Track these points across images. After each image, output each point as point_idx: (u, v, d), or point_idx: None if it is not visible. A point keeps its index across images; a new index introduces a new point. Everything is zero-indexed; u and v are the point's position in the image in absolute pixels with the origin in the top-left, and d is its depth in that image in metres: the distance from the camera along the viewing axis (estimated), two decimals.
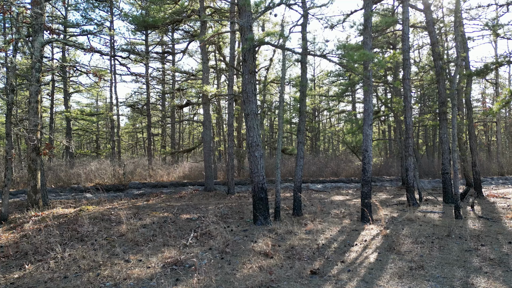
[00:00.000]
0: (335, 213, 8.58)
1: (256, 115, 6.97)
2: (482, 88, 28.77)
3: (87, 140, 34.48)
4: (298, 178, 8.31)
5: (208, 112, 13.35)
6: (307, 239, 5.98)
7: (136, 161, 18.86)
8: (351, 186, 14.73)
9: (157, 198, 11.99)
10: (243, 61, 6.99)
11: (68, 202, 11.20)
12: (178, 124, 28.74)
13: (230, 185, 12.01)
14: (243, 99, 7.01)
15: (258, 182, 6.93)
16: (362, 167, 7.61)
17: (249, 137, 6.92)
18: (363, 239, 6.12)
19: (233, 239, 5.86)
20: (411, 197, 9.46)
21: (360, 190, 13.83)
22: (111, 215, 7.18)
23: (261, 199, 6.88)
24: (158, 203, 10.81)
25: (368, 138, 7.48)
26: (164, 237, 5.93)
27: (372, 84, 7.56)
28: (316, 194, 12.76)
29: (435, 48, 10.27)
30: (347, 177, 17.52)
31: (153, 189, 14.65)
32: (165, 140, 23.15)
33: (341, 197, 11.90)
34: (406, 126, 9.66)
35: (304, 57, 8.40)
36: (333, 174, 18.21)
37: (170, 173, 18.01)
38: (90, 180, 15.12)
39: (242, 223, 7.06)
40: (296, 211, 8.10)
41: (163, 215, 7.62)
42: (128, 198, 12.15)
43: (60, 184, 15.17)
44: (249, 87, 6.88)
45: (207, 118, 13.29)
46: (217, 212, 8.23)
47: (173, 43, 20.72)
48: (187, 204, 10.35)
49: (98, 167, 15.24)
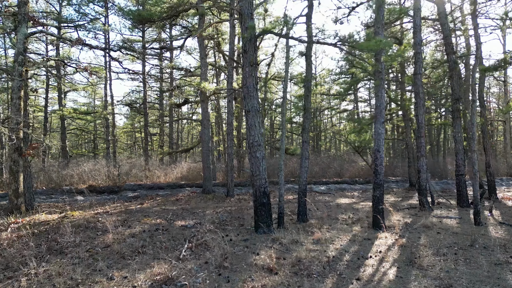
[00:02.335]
0: (343, 218, 7.93)
1: (258, 111, 6.31)
2: (485, 87, 28.10)
3: (85, 140, 33.86)
4: (303, 181, 7.65)
5: (206, 110, 12.70)
6: (315, 250, 5.33)
7: (132, 161, 18.21)
8: (356, 188, 14.07)
9: (152, 201, 11.33)
10: (243, 53, 6.34)
11: (57, 205, 10.55)
12: (177, 124, 28.10)
13: (229, 187, 11.36)
14: (244, 94, 6.36)
15: (259, 185, 6.28)
16: (373, 169, 6.96)
17: (250, 136, 6.27)
18: (378, 250, 5.47)
19: (232, 251, 5.21)
20: (424, 200, 8.81)
21: (366, 192, 13.22)
22: (98, 222, 6.53)
23: (263, 205, 6.23)
24: (152, 206, 10.16)
25: (380, 137, 6.83)
26: (155, 248, 5.28)
27: (384, 78, 6.91)
28: (320, 197, 12.11)
29: (448, 40, 9.62)
30: (351, 178, 16.87)
31: (148, 191, 13.99)
32: (163, 140, 22.49)
33: (347, 200, 11.25)
34: (418, 124, 9.00)
35: (309, 49, 7.75)
36: (336, 175, 17.56)
37: (168, 174, 17.36)
38: (83, 182, 14.47)
39: (243, 231, 6.40)
40: (301, 217, 7.45)
41: (155, 222, 6.96)
42: (121, 201, 11.50)
43: (52, 186, 14.51)
44: (249, 80, 6.23)
45: (205, 116, 12.64)
46: (215, 218, 7.57)
47: (171, 39, 20.07)
48: (183, 208, 9.70)
49: (92, 168, 14.59)
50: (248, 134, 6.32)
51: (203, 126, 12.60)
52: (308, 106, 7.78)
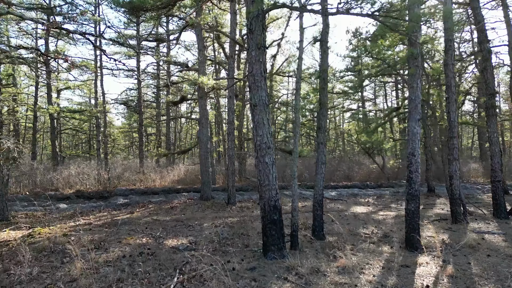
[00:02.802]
0: (366, 234, 6.68)
1: (267, 106, 5.07)
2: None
3: (82, 140, 32.60)
4: (319, 190, 6.41)
5: (204, 108, 11.46)
6: (342, 285, 4.09)
7: (126, 164, 16.95)
8: (369, 193, 12.81)
9: (143, 209, 10.09)
10: (248, 33, 5.09)
11: (35, 215, 9.32)
12: (174, 123, 26.86)
13: (230, 193, 10.12)
14: (249, 85, 5.11)
15: (269, 198, 5.03)
16: (407, 176, 5.70)
17: (257, 137, 5.02)
18: (424, 285, 4.22)
19: (236, 286, 3.97)
20: (458, 211, 7.56)
21: (381, 198, 11.95)
22: (68, 244, 5.27)
23: (273, 223, 4.98)
24: (143, 216, 8.92)
25: (416, 138, 5.58)
26: (135, 283, 4.03)
27: (420, 66, 5.66)
28: (332, 204, 10.86)
29: (481, 28, 8.38)
30: (362, 182, 15.63)
31: (141, 197, 12.74)
32: (159, 141, 21.25)
33: (362, 208, 10.00)
34: (450, 123, 7.76)
35: (326, 34, 6.51)
36: (345, 178, 16.31)
37: (164, 177, 16.12)
38: (70, 186, 13.22)
39: (248, 255, 5.15)
40: (317, 233, 6.20)
41: (140, 242, 5.70)
42: (109, 209, 10.26)
43: (36, 191, 13.27)
44: (256, 67, 4.98)
45: (203, 114, 11.40)
46: (214, 235, 6.32)
47: (168, 33, 18.84)
48: (177, 219, 8.45)
49: (79, 171, 13.34)
50: (254, 134, 5.07)
51: (201, 125, 11.36)
52: (324, 101, 6.53)
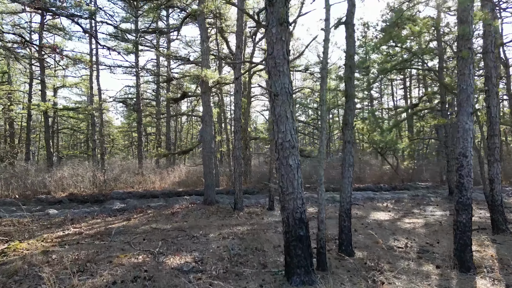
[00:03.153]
0: (399, 248, 5.73)
1: (290, 95, 4.13)
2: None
3: (81, 140, 31.66)
4: (347, 197, 5.47)
5: (208, 104, 10.52)
6: None
7: (124, 164, 16.01)
8: (385, 197, 11.86)
9: (141, 215, 9.14)
10: (268, 6, 4.15)
11: (21, 222, 8.37)
12: (175, 122, 25.92)
13: (237, 198, 9.16)
14: (268, 69, 4.17)
15: (294, 209, 4.09)
16: (456, 182, 4.75)
17: (279, 133, 4.08)
18: None
19: None
20: (499, 220, 6.61)
21: (400, 203, 10.96)
22: (45, 265, 4.32)
23: (299, 239, 4.03)
24: (141, 223, 7.98)
25: (467, 135, 4.63)
26: None
27: (472, 48, 4.71)
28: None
29: None
30: (374, 184, 14.68)
31: (140, 201, 11.80)
32: (159, 140, 20.31)
33: (383, 215, 9.05)
34: (490, 119, 6.81)
35: (351, 15, 5.58)
36: (357, 180, 15.36)
37: (164, 178, 15.19)
38: (63, 189, 12.27)
39: (268, 280, 4.20)
40: (345, 248, 5.25)
41: (136, 261, 4.74)
42: (104, 215, 9.31)
43: (27, 194, 12.34)
44: (278, 47, 4.04)
45: (207, 111, 10.46)
46: (223, 249, 5.38)
47: (168, 27, 17.89)
48: (179, 227, 7.51)
49: (73, 173, 12.39)
50: (275, 131, 4.13)
51: (204, 123, 10.41)
52: (351, 92, 5.59)
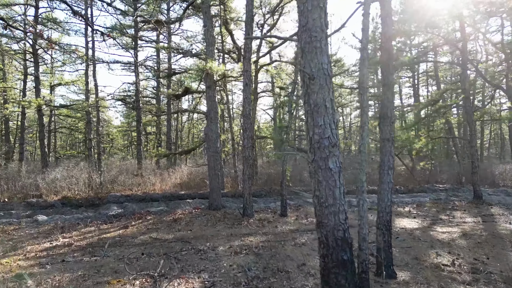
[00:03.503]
0: (446, 266, 4.81)
1: (330, 78, 3.21)
2: None
3: (78, 140, 30.77)
4: (386, 206, 4.57)
5: (213, 100, 9.61)
6: None
7: (122, 165, 15.10)
8: (405, 201, 10.93)
9: (140, 222, 8.23)
10: None
11: (6, 230, 7.48)
12: (176, 121, 25.02)
13: (247, 203, 8.24)
14: (301, 46, 3.25)
15: (335, 226, 3.17)
16: None
17: (315, 128, 3.17)
18: None
19: None
20: None
21: (422, 207, 9.96)
22: None
23: (342, 265, 3.11)
24: (139, 232, 7.08)
25: None
26: None
27: None
28: (369, 215, 8.97)
29: None
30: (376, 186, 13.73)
31: (138, 205, 10.90)
32: (160, 140, 19.40)
33: (410, 222, 8.14)
34: None
35: None
36: (369, 182, 14.41)
37: (164, 180, 14.29)
38: (55, 192, 11.36)
39: None
40: (386, 269, 4.34)
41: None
42: (99, 221, 8.40)
43: (19, 197, 11.44)
44: (314, 16, 3.13)
45: (212, 107, 9.55)
46: (238, 269, 4.47)
47: (169, 20, 16.98)
48: (183, 237, 6.61)
49: (66, 175, 11.48)
50: (310, 124, 3.21)
51: (209, 120, 9.50)
52: (390, 81, 4.68)
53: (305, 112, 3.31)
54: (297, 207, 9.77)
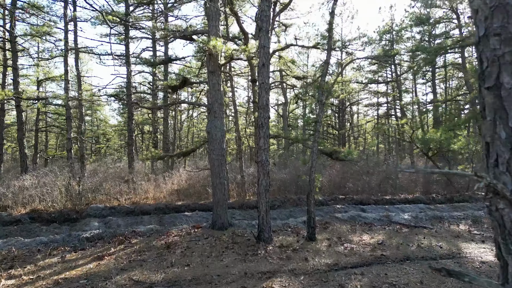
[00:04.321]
0: None
1: None
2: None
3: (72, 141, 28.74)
4: None
5: (218, 89, 7.56)
6: None
7: (109, 169, 13.06)
8: (455, 215, 8.80)
9: (122, 248, 6.19)
10: None
11: None
12: (174, 120, 22.97)
13: (263, 224, 6.18)
14: None
15: None
16: None
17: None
18: None
19: None
20: None
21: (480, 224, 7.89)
22: None
23: None
24: (117, 269, 5.04)
25: None
26: None
27: None
28: (416, 236, 6.92)
29: None
30: (424, 194, 11.68)
31: (126, 219, 8.86)
32: (155, 140, 17.37)
33: (482, 250, 6.08)
34: None
35: None
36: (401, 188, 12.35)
37: (159, 186, 12.27)
38: (24, 204, 9.30)
39: None
40: None
41: None
42: (68, 247, 6.36)
43: None
44: None
45: (216, 98, 7.51)
46: None
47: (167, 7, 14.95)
48: (176, 277, 4.62)
49: (36, 183, 9.44)
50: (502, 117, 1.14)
51: (212, 114, 7.46)
52: None
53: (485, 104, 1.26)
54: (323, 224, 7.73)
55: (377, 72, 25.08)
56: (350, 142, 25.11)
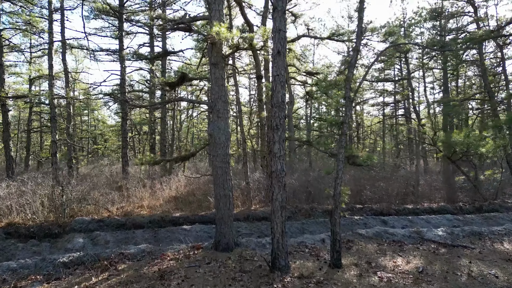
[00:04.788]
0: None
1: None
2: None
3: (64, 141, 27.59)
4: None
5: (221, 84, 6.42)
6: None
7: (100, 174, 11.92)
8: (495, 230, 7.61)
9: (107, 278, 5.05)
10: None
11: None
12: (172, 120, 21.82)
13: (279, 249, 5.03)
14: None
15: None
16: None
17: None
18: None
19: None
20: None
21: None
22: None
23: None
24: None
25: None
26: None
27: None
28: (459, 261, 5.76)
29: None
30: (450, 203, 10.52)
31: (115, 234, 7.73)
32: (151, 141, 16.23)
33: None
34: None
35: None
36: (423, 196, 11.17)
37: (155, 193, 11.16)
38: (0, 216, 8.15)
39: None
40: None
41: None
42: (38, 277, 5.21)
43: None
44: None
45: (219, 94, 6.36)
46: None
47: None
48: None
49: (12, 191, 8.29)
50: None
51: (215, 113, 6.31)
52: None
53: None
54: (345, 242, 6.58)
55: (383, 70, 23.91)
56: (358, 143, 23.95)
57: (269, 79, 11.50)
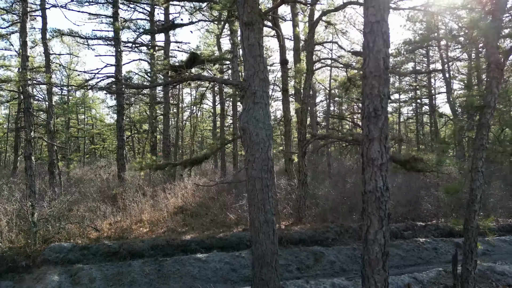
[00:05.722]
0: None
1: None
2: None
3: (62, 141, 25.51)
4: None
5: (257, 53, 4.27)
6: None
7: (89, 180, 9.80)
8: None
9: None
10: None
11: None
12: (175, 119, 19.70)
13: None
14: None
15: None
16: None
17: None
18: None
19: None
20: None
21: None
22: None
23: None
24: None
25: None
26: None
27: None
28: None
29: None
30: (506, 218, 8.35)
31: (103, 269, 5.61)
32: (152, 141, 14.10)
33: None
34: None
35: None
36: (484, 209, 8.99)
37: (157, 204, 9.07)
38: None
39: None
40: None
41: None
42: None
43: None
44: None
45: (256, 69, 4.20)
46: None
47: None
48: None
49: None
50: None
51: (249, 97, 4.17)
52: None
53: None
54: None
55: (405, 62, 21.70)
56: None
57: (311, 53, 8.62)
